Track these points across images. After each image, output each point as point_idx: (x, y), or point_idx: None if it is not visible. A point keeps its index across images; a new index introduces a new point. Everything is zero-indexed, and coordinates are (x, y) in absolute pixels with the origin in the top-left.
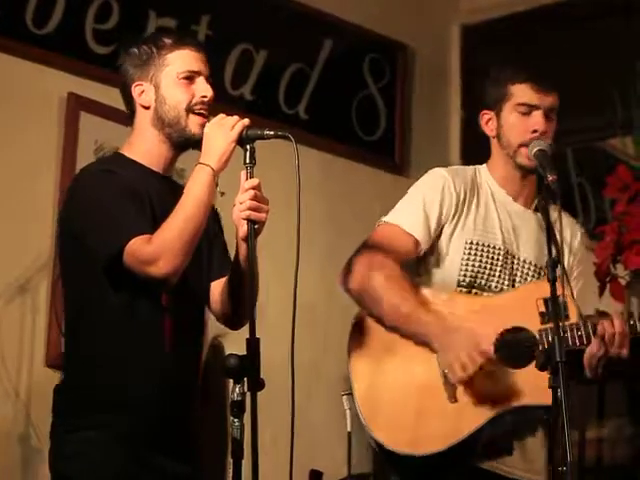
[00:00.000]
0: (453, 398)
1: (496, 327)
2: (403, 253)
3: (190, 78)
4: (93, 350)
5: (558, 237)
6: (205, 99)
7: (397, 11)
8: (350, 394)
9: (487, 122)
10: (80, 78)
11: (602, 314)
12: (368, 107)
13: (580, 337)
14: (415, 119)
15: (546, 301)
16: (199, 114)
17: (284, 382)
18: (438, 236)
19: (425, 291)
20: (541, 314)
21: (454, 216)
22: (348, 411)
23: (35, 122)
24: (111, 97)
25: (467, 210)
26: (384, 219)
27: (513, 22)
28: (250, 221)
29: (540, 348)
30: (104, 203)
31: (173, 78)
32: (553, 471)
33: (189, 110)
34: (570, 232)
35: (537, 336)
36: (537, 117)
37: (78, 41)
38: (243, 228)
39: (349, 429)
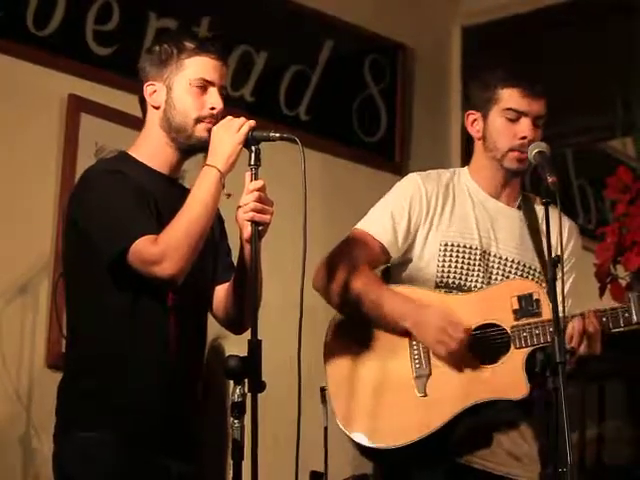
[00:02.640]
0: (423, 392)
1: (468, 321)
2: (370, 258)
3: (203, 87)
4: (95, 351)
5: (545, 237)
6: (214, 111)
7: (398, 12)
8: (324, 389)
9: (472, 123)
10: (81, 79)
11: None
12: (369, 108)
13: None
14: (416, 120)
15: (520, 298)
16: (207, 123)
17: (285, 384)
18: (412, 242)
19: (395, 287)
20: (514, 311)
21: (425, 221)
22: (322, 406)
23: (36, 123)
24: (112, 98)
25: (440, 213)
26: (356, 225)
27: (513, 24)
28: (254, 223)
29: (511, 343)
30: (110, 203)
31: (186, 84)
32: (555, 472)
33: (197, 120)
34: (559, 231)
35: (510, 332)
36: (525, 124)
37: (79, 42)
38: (247, 230)
39: (325, 424)
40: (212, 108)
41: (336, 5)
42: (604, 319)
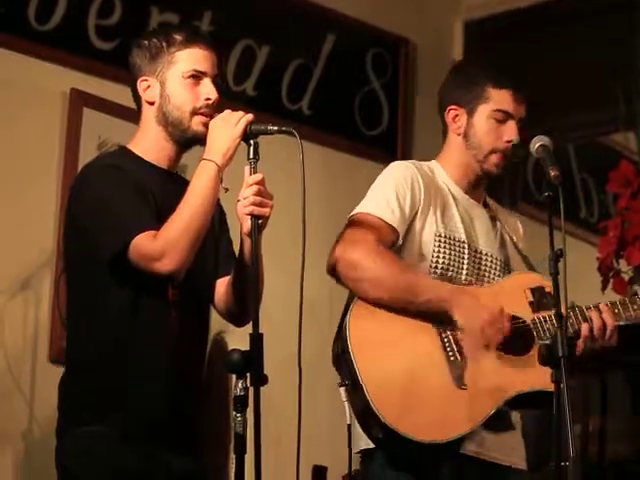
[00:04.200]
0: (463, 384)
1: None
2: (383, 240)
3: (196, 77)
4: (96, 347)
5: (508, 230)
6: (209, 101)
7: (400, 6)
8: (346, 385)
9: (454, 118)
10: (83, 74)
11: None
12: (371, 102)
13: (572, 325)
14: (417, 114)
15: (533, 291)
16: (202, 114)
17: (287, 378)
18: (409, 227)
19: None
20: (530, 303)
21: (423, 207)
22: (347, 403)
23: (38, 118)
24: (114, 93)
25: (433, 203)
26: (358, 209)
27: (516, 17)
28: (253, 216)
29: (536, 337)
30: (110, 199)
31: (179, 77)
32: (557, 466)
33: (193, 112)
34: (513, 227)
35: (531, 325)
36: (512, 127)
37: (81, 37)
38: (247, 223)
39: (349, 422)
40: (207, 99)
41: None
42: (615, 310)
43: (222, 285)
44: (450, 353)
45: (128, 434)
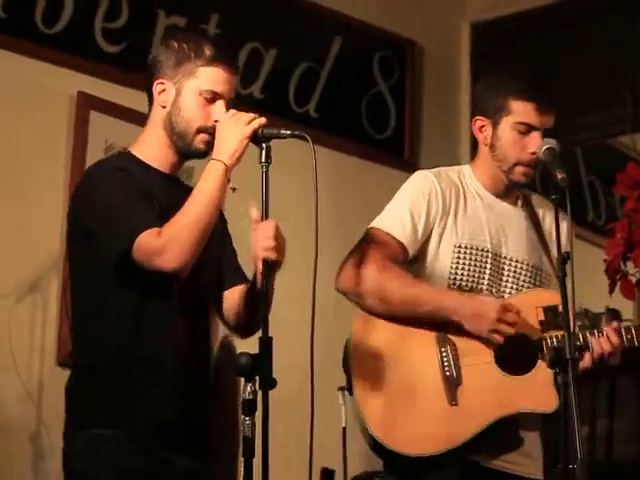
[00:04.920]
0: (454, 400)
1: None
2: (392, 257)
3: (211, 99)
4: (102, 350)
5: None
6: (217, 124)
7: (406, 8)
8: (344, 389)
9: (480, 129)
10: (90, 77)
11: (611, 311)
12: (378, 105)
13: (578, 347)
14: (425, 116)
15: (546, 310)
16: (207, 135)
17: (295, 381)
18: (426, 241)
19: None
20: (540, 322)
21: (441, 220)
22: (343, 407)
23: (45, 121)
24: (121, 96)
25: (454, 213)
26: (372, 224)
27: (522, 20)
28: (267, 261)
29: (548, 345)
30: (113, 199)
31: (196, 92)
32: (565, 468)
33: (199, 130)
34: (564, 229)
35: (538, 344)
36: (536, 139)
37: (87, 40)
38: (260, 264)
39: (344, 424)
40: (216, 121)
41: (345, 2)
42: (629, 336)
43: (230, 297)
44: (447, 368)
45: (135, 436)
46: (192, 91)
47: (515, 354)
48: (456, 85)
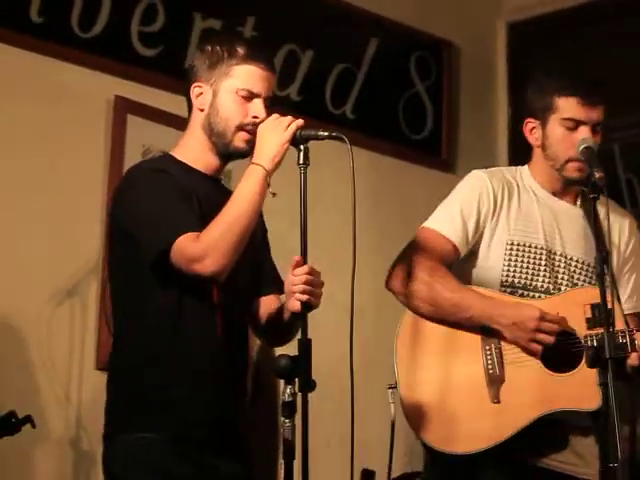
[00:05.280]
0: (496, 398)
1: None
2: (442, 257)
3: (249, 97)
4: (142, 351)
5: (606, 233)
6: (257, 120)
7: (442, 9)
8: (395, 388)
9: (531, 131)
10: (127, 81)
11: None
12: (415, 106)
13: (624, 345)
14: (462, 117)
15: (593, 307)
16: (246, 132)
17: (335, 383)
18: (480, 239)
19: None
20: (587, 320)
21: (492, 218)
22: (392, 405)
23: (83, 125)
24: (158, 99)
25: (507, 211)
26: (424, 224)
27: (559, 19)
28: (304, 305)
29: (589, 346)
30: (153, 200)
31: (232, 91)
32: (605, 467)
33: (238, 128)
34: (619, 228)
35: (583, 341)
36: (584, 133)
37: (124, 44)
38: (295, 304)
39: (393, 418)
40: (255, 117)
41: (381, 3)
42: None
43: (266, 304)
44: (490, 366)
45: (175, 439)
46: (228, 91)
47: (561, 351)
48: (493, 85)
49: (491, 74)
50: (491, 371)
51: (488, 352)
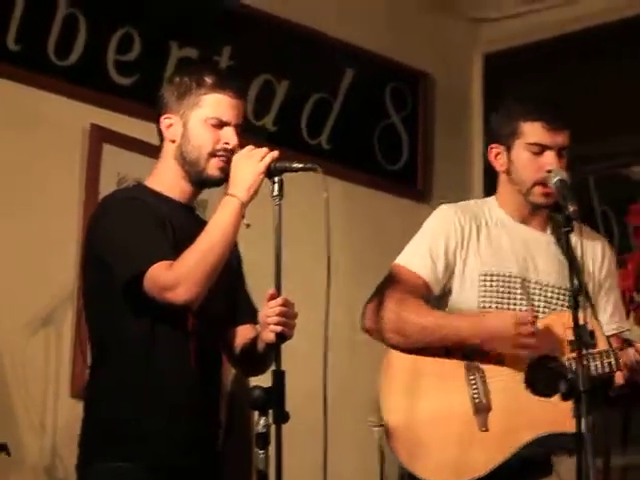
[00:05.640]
0: (484, 426)
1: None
2: (413, 290)
3: (219, 126)
4: (116, 380)
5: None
6: (228, 146)
7: (418, 40)
8: (380, 426)
9: (496, 156)
10: (103, 109)
11: (626, 340)
12: (390, 136)
13: (609, 365)
14: (438, 147)
15: (574, 329)
16: (219, 158)
17: (309, 414)
18: (452, 274)
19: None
20: (570, 342)
21: (462, 252)
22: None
23: (58, 153)
24: (134, 128)
25: (476, 244)
26: (395, 261)
27: (535, 50)
28: (279, 335)
29: (566, 376)
30: (127, 228)
31: (202, 120)
32: None
33: (211, 155)
34: (592, 254)
35: (566, 364)
36: (550, 157)
37: (100, 72)
38: (269, 335)
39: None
40: (226, 143)
41: (357, 34)
42: None
43: (240, 335)
44: (475, 395)
45: (148, 469)
46: (199, 120)
47: (544, 375)
48: (468, 116)
49: (467, 105)
50: (477, 400)
51: (473, 381)
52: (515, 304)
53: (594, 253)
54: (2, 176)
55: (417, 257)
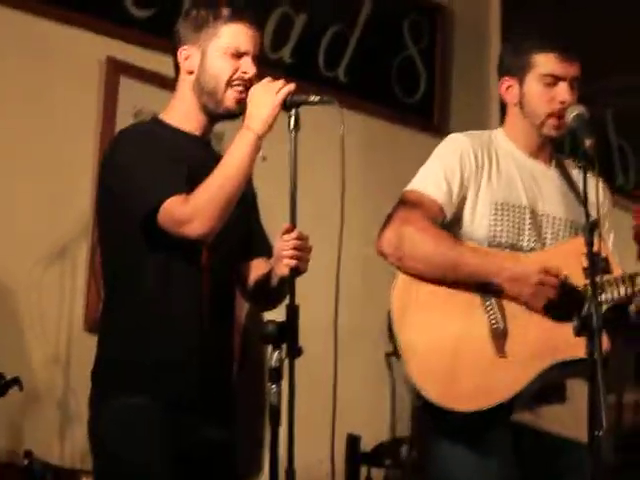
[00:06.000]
0: (502, 353)
1: None
2: (431, 216)
3: (237, 55)
4: (130, 315)
5: (582, 201)
6: (245, 75)
7: None
8: (393, 355)
9: (507, 89)
10: (119, 42)
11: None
12: (408, 69)
13: (626, 289)
14: (455, 81)
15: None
16: (236, 88)
17: (322, 349)
18: (463, 201)
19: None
20: (584, 269)
21: (476, 179)
22: (389, 372)
23: (75, 86)
24: (150, 61)
25: (488, 172)
26: (407, 187)
27: None
28: (293, 269)
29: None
30: (142, 162)
31: (220, 51)
32: (591, 435)
33: (228, 84)
34: (594, 191)
35: (582, 290)
36: (563, 88)
37: (117, 4)
38: (283, 268)
39: (392, 390)
40: (244, 72)
41: None
42: None
43: (254, 269)
44: (493, 321)
45: (160, 402)
46: (217, 50)
47: (563, 301)
48: (486, 49)
49: (484, 38)
50: (495, 326)
51: (489, 307)
52: (524, 235)
53: (595, 192)
54: (17, 107)
55: (432, 182)
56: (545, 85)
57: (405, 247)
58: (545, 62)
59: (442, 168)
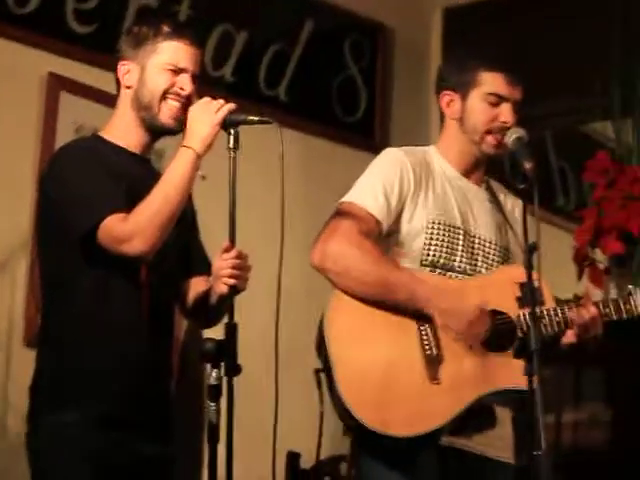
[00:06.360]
0: (436, 379)
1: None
2: (367, 231)
3: (175, 72)
4: (67, 330)
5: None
6: (182, 92)
7: None
8: (320, 371)
9: (448, 103)
10: (60, 58)
11: (579, 298)
12: (348, 88)
13: (558, 323)
14: (395, 100)
15: (521, 285)
16: (172, 102)
17: (261, 366)
18: (399, 216)
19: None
20: (517, 299)
21: (413, 195)
22: (317, 390)
23: (15, 101)
24: (92, 77)
25: (425, 190)
26: (344, 198)
27: (494, 4)
28: (232, 288)
29: (518, 333)
30: (82, 179)
31: (159, 66)
32: (530, 455)
33: (163, 97)
34: (518, 210)
35: (515, 321)
36: (507, 109)
37: (59, 20)
38: (222, 288)
39: (321, 409)
40: (181, 89)
41: None
42: (606, 309)
43: (194, 287)
44: (427, 346)
45: (98, 420)
46: (155, 66)
47: (494, 331)
48: (427, 69)
49: (425, 58)
50: (428, 352)
51: (424, 332)
52: (456, 256)
53: (513, 211)
54: None
55: (370, 195)
56: (489, 104)
57: (340, 262)
58: (492, 81)
59: (381, 182)
